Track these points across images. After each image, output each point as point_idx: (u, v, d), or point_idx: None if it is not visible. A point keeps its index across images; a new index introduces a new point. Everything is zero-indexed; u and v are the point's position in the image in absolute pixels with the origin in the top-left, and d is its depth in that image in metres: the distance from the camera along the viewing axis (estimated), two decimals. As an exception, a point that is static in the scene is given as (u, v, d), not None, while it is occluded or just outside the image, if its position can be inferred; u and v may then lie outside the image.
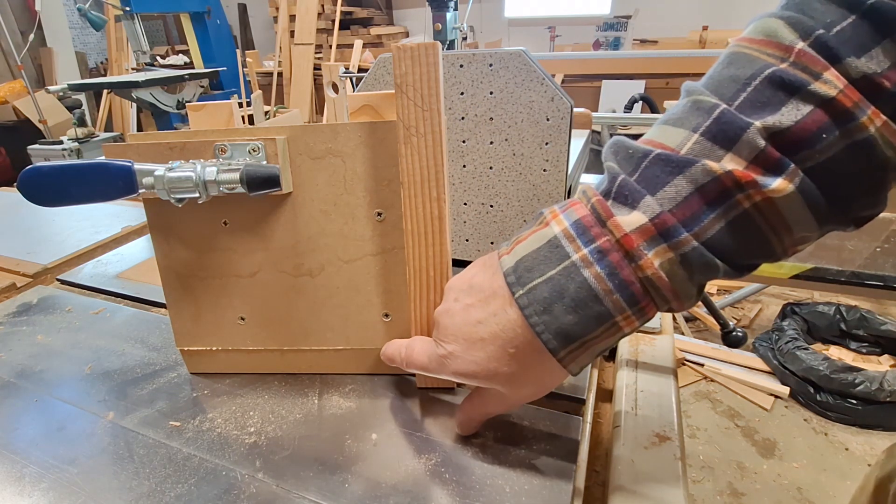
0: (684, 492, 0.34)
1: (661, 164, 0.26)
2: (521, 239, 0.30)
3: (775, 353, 1.69)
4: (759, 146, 0.24)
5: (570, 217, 0.29)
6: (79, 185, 0.36)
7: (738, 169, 0.25)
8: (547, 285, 0.28)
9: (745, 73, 0.26)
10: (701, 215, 0.26)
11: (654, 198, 0.26)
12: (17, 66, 2.81)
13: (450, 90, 0.55)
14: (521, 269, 0.29)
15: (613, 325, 0.28)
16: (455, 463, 0.35)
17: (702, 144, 0.26)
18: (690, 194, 0.26)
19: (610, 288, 0.27)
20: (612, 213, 0.27)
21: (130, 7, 2.21)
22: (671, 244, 0.26)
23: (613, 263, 0.27)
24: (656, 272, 0.26)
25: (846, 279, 0.49)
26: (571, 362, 0.29)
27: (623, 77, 3.18)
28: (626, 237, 0.26)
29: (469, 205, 0.60)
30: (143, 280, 0.63)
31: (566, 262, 0.28)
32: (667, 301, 0.27)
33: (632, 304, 0.27)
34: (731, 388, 1.69)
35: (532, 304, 0.28)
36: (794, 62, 0.24)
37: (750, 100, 0.25)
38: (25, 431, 0.40)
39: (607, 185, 0.28)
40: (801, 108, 0.24)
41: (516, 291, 0.29)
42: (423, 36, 4.35)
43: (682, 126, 0.27)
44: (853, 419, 1.51)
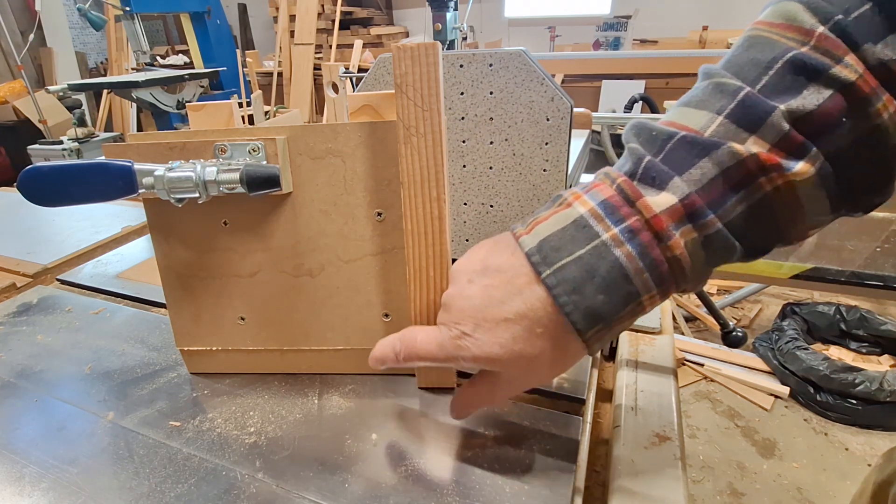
0: (684, 492, 0.34)
1: (687, 146, 0.27)
2: (541, 219, 0.30)
3: (775, 353, 1.69)
4: (784, 129, 0.25)
5: (595, 197, 0.28)
6: (79, 185, 0.36)
7: (762, 152, 0.25)
8: (576, 265, 0.27)
9: (766, 56, 0.26)
10: (725, 198, 0.26)
11: (682, 179, 0.26)
12: (17, 66, 2.81)
13: (450, 90, 0.55)
14: (546, 248, 0.28)
15: (639, 304, 0.28)
16: (455, 463, 0.35)
17: (726, 127, 0.26)
18: (716, 177, 0.26)
19: (641, 267, 0.27)
20: (640, 194, 0.27)
21: (130, 7, 2.21)
22: (697, 226, 0.26)
23: (644, 243, 0.27)
24: (683, 252, 0.26)
25: (846, 279, 0.49)
26: (596, 342, 0.29)
27: (623, 77, 3.18)
28: (655, 217, 0.26)
29: (469, 205, 0.60)
30: (143, 280, 0.63)
31: (596, 242, 0.27)
32: (686, 281, 0.27)
33: (659, 284, 0.27)
34: (731, 388, 1.69)
35: (561, 284, 0.28)
36: (815, 46, 0.25)
37: (772, 83, 0.25)
38: (25, 431, 0.40)
39: (631, 167, 0.28)
40: (822, 93, 0.24)
41: (543, 271, 0.28)
42: (423, 36, 4.35)
43: (706, 108, 0.27)
44: (853, 419, 1.51)
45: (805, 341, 1.66)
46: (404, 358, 0.34)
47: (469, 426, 0.39)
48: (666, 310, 0.55)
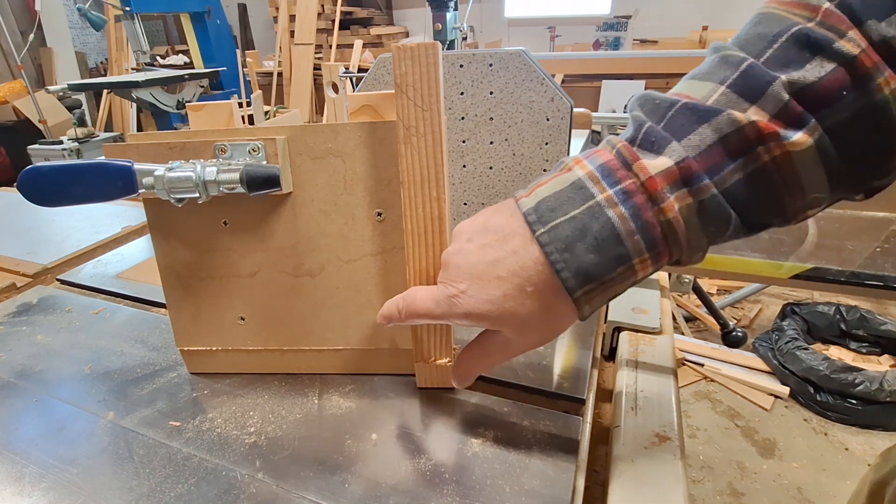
0: (684, 492, 0.34)
1: (688, 112, 0.27)
2: (541, 183, 0.30)
3: (775, 353, 1.69)
4: (783, 100, 0.25)
5: (594, 161, 0.29)
6: (79, 185, 0.36)
7: (761, 120, 0.25)
8: (570, 224, 0.28)
9: (773, 30, 0.26)
10: (722, 165, 0.26)
11: (680, 144, 0.27)
12: (17, 66, 2.81)
13: (450, 90, 0.55)
14: (542, 208, 0.29)
15: (630, 267, 0.28)
16: (455, 463, 0.35)
17: (728, 96, 0.26)
18: (714, 143, 0.26)
19: (633, 228, 0.27)
20: (637, 157, 0.27)
21: (130, 7, 2.21)
22: (692, 190, 0.26)
23: (637, 205, 0.27)
24: (676, 216, 0.27)
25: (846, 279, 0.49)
26: (586, 304, 0.29)
27: (623, 77, 3.18)
28: (650, 179, 0.27)
29: (469, 205, 0.60)
30: (143, 280, 0.63)
31: (590, 202, 0.28)
32: (680, 249, 0.28)
33: (650, 248, 0.27)
34: (731, 388, 1.69)
35: (553, 242, 0.28)
36: (820, 21, 0.25)
37: (776, 56, 0.26)
38: (25, 431, 0.40)
39: (633, 133, 0.29)
40: (824, 66, 0.25)
41: (537, 229, 0.29)
42: (423, 36, 4.34)
43: (709, 79, 0.27)
44: (853, 419, 1.51)
45: (805, 341, 1.66)
46: (405, 315, 0.35)
47: (469, 426, 0.39)
48: (666, 310, 0.55)
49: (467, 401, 0.41)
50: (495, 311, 0.30)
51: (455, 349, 0.41)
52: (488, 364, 0.36)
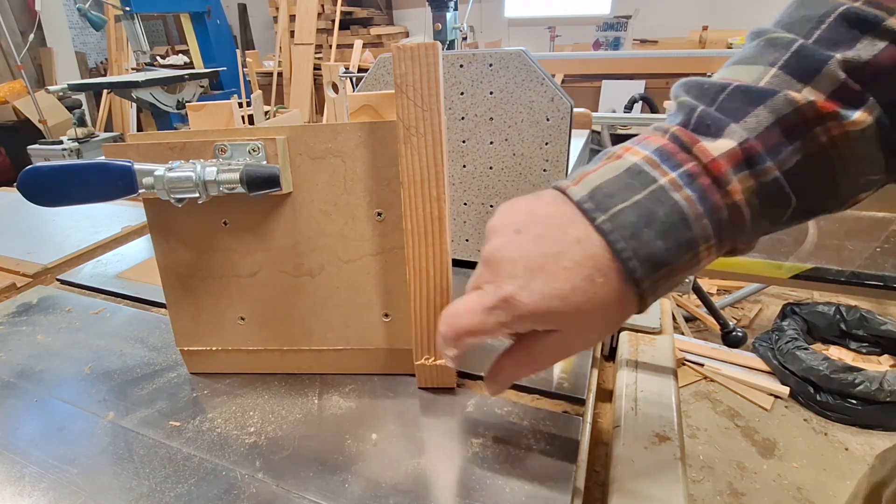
0: (684, 492, 0.34)
1: (741, 95, 0.26)
2: (589, 171, 0.28)
3: (775, 353, 1.69)
4: (840, 78, 0.25)
5: (648, 146, 0.28)
6: (79, 185, 0.36)
7: (819, 100, 0.25)
8: (634, 210, 0.26)
9: (818, 11, 0.26)
10: (780, 146, 0.26)
11: (738, 125, 0.26)
12: (17, 66, 2.81)
13: (450, 90, 0.55)
14: (599, 195, 0.27)
15: (696, 254, 0.27)
16: (455, 463, 0.35)
17: (780, 77, 0.26)
18: (772, 124, 0.25)
19: (701, 212, 0.26)
20: (697, 139, 0.26)
21: (130, 7, 2.21)
22: (753, 172, 0.26)
23: (704, 187, 0.26)
24: (741, 198, 0.26)
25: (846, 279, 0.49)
26: (650, 295, 0.27)
27: (623, 77, 3.18)
28: (714, 162, 0.26)
29: (469, 205, 0.60)
30: (143, 280, 0.63)
31: (653, 186, 0.26)
32: (744, 232, 0.27)
33: (717, 232, 0.26)
34: (731, 388, 1.69)
35: (618, 230, 0.26)
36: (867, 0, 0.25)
37: (825, 36, 0.25)
38: (25, 431, 0.40)
39: (684, 118, 0.28)
40: (876, 44, 0.24)
41: (597, 217, 0.27)
42: (423, 36, 4.34)
43: (757, 63, 0.27)
44: (853, 419, 1.51)
45: (805, 341, 1.66)
46: (453, 340, 0.31)
47: (469, 426, 0.39)
48: (666, 310, 0.55)
49: (467, 401, 0.41)
50: (564, 306, 0.27)
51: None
52: (535, 370, 0.32)
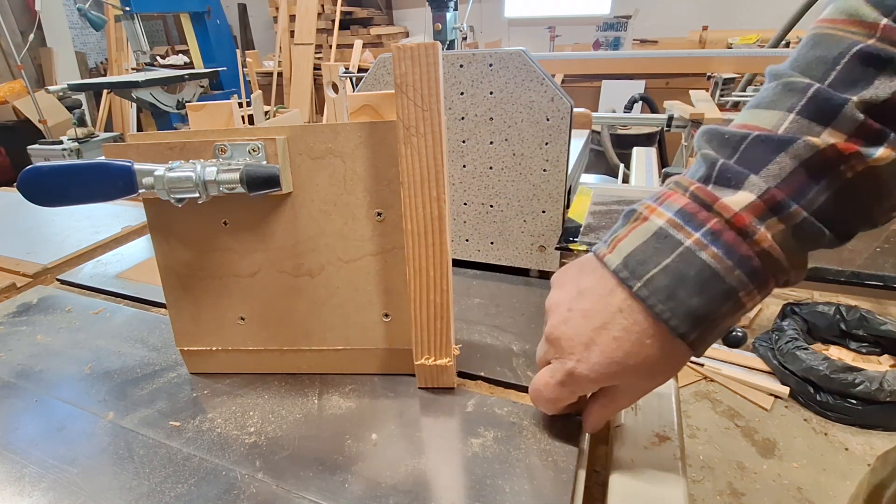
0: (684, 492, 0.34)
1: (762, 144, 0.27)
2: (620, 237, 0.31)
3: (775, 353, 1.69)
4: (859, 119, 0.25)
5: (670, 208, 0.29)
6: (79, 185, 0.36)
7: (839, 142, 0.26)
8: (665, 274, 0.28)
9: (833, 52, 0.26)
10: (807, 188, 0.26)
11: (759, 176, 0.27)
12: (17, 66, 2.81)
13: (450, 90, 0.55)
14: (632, 263, 0.30)
15: (737, 301, 0.28)
16: (455, 463, 0.35)
17: (799, 123, 0.27)
18: (795, 169, 0.26)
19: (730, 265, 0.27)
20: (716, 197, 0.28)
21: (130, 7, 2.21)
22: (782, 217, 0.27)
23: (729, 242, 0.27)
24: (772, 244, 0.27)
25: (846, 279, 0.49)
26: (700, 344, 0.29)
27: (623, 77, 3.18)
28: (736, 216, 0.27)
29: (469, 205, 0.60)
30: (143, 280, 0.63)
31: (680, 249, 0.28)
32: (784, 272, 0.28)
33: (753, 279, 0.28)
34: (731, 388, 1.69)
35: (654, 294, 0.29)
36: (881, 37, 0.25)
37: (841, 77, 0.26)
38: (25, 431, 0.40)
39: (706, 171, 0.29)
40: (894, 81, 0.25)
41: (633, 285, 0.29)
42: (423, 36, 4.34)
43: (776, 108, 0.28)
44: (853, 419, 1.51)
45: (805, 341, 1.66)
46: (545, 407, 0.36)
47: (469, 426, 0.39)
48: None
49: (467, 401, 0.41)
50: (621, 370, 0.31)
51: (456, 349, 0.42)
52: (618, 409, 0.36)
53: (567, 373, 0.32)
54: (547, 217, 0.58)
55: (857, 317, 1.72)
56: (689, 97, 1.72)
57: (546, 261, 0.60)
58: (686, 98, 1.70)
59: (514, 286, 0.59)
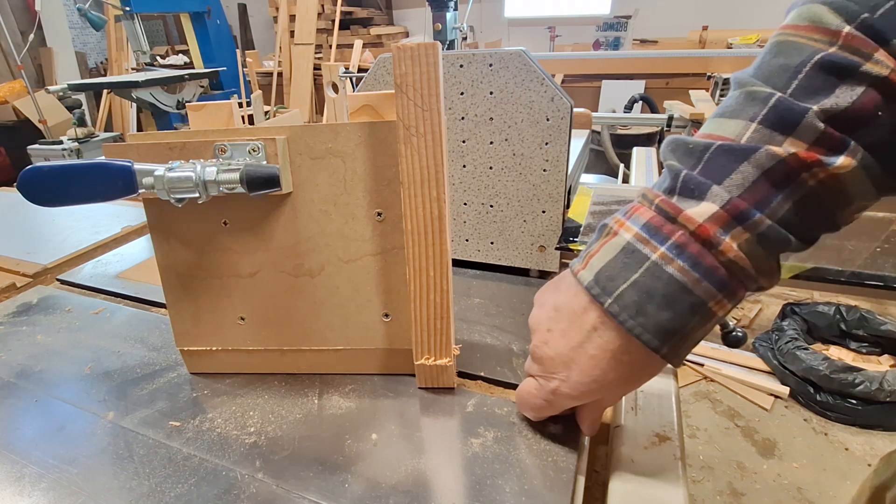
0: (684, 492, 0.34)
1: (725, 154, 0.28)
2: (593, 253, 0.31)
3: (775, 353, 1.69)
4: (819, 129, 0.25)
5: (637, 222, 0.30)
6: (79, 185, 0.36)
7: (801, 151, 0.26)
8: (633, 289, 0.29)
9: (795, 60, 0.27)
10: (770, 197, 0.27)
11: (722, 186, 0.27)
12: (17, 66, 2.80)
13: (450, 90, 0.55)
14: (602, 279, 0.30)
15: (708, 311, 0.28)
16: (455, 463, 0.35)
17: (761, 133, 0.27)
18: (758, 178, 0.27)
19: (697, 277, 0.28)
20: (680, 209, 0.28)
21: (130, 7, 2.21)
22: (746, 226, 0.27)
23: (694, 254, 0.28)
24: (737, 253, 0.27)
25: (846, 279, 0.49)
26: (675, 355, 0.30)
27: (623, 77, 3.18)
28: (700, 227, 0.27)
29: (469, 205, 0.60)
30: (143, 280, 0.63)
31: (647, 264, 0.29)
32: (753, 279, 0.28)
33: (721, 288, 0.28)
34: (731, 388, 1.69)
35: (624, 310, 0.29)
36: (843, 45, 0.25)
37: (803, 86, 0.26)
38: (25, 431, 0.40)
39: (670, 183, 0.29)
40: (855, 90, 0.25)
41: (604, 301, 0.30)
42: (423, 36, 4.34)
43: (739, 117, 0.28)
44: (853, 419, 1.51)
45: (805, 341, 1.66)
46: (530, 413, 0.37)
47: (469, 426, 0.39)
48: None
49: (467, 401, 0.41)
50: (600, 386, 0.32)
51: (456, 349, 0.41)
52: (607, 407, 0.37)
53: (551, 391, 0.34)
54: (547, 217, 0.58)
55: (857, 317, 1.72)
56: (689, 97, 1.72)
57: (546, 261, 0.60)
58: (686, 98, 1.70)
59: (514, 286, 0.59)
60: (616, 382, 0.32)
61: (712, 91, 1.90)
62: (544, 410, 0.36)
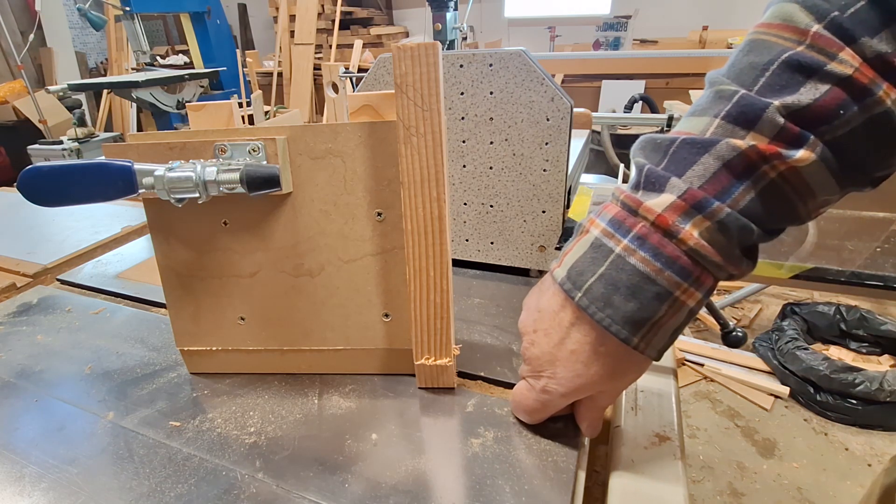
0: (684, 492, 0.34)
1: (687, 147, 0.28)
2: (568, 251, 0.32)
3: (775, 353, 1.69)
4: (779, 123, 0.26)
5: (604, 218, 0.31)
6: (79, 185, 0.36)
7: (761, 144, 0.26)
8: (600, 282, 0.30)
9: (763, 58, 0.27)
10: (731, 187, 0.27)
11: (682, 178, 0.28)
12: (17, 66, 2.80)
13: (450, 90, 0.55)
14: (573, 274, 0.31)
15: (675, 300, 0.29)
16: (455, 463, 0.35)
17: (723, 127, 0.28)
18: (718, 169, 0.27)
19: (658, 267, 0.28)
20: (640, 202, 0.29)
21: (130, 7, 2.21)
22: (705, 214, 0.28)
23: (655, 244, 0.28)
24: (698, 241, 0.28)
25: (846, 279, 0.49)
26: (650, 347, 0.30)
27: (623, 77, 3.18)
28: (659, 217, 0.28)
29: (469, 205, 0.60)
30: (143, 280, 0.63)
31: (612, 256, 0.29)
32: (720, 266, 0.29)
33: (685, 277, 0.28)
34: (731, 388, 1.69)
35: (593, 303, 0.30)
36: (809, 45, 0.26)
37: (769, 84, 0.27)
38: (25, 431, 0.40)
39: (636, 179, 0.30)
40: (819, 88, 0.26)
41: (575, 296, 0.31)
42: (423, 36, 4.34)
43: (705, 114, 0.29)
44: (853, 419, 1.51)
45: (805, 341, 1.66)
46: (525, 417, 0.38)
47: (469, 426, 0.39)
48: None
49: (467, 401, 0.41)
50: (586, 380, 0.32)
51: (456, 349, 0.41)
52: (605, 407, 0.37)
53: (541, 390, 0.34)
54: (547, 217, 0.58)
55: (857, 317, 1.72)
56: (689, 97, 1.72)
57: (546, 261, 0.60)
58: (686, 98, 1.70)
59: (514, 286, 0.59)
60: (602, 376, 0.32)
61: (712, 91, 1.89)
62: (538, 412, 0.36)
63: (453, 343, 0.41)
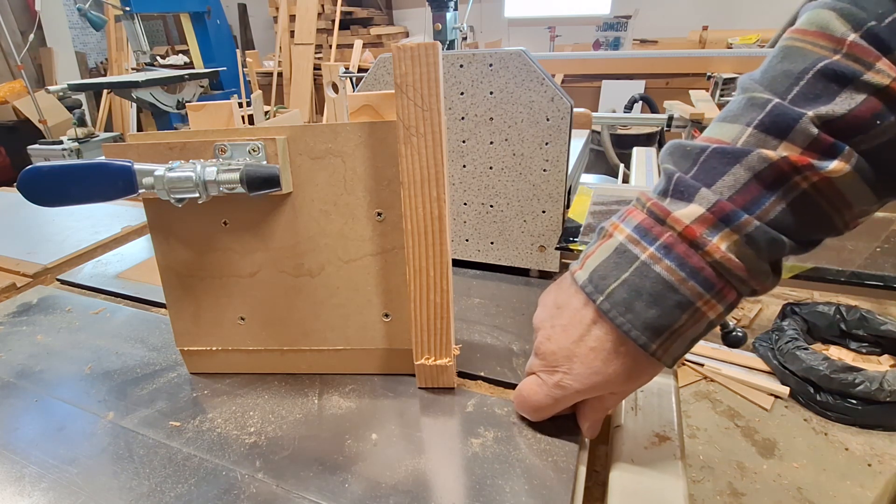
0: (684, 492, 0.34)
1: (718, 156, 0.28)
2: (590, 254, 0.33)
3: (775, 353, 1.68)
4: (812, 133, 0.26)
5: (630, 224, 0.31)
6: (79, 185, 0.36)
7: (793, 154, 0.26)
8: (623, 287, 0.30)
9: (798, 67, 0.27)
10: (761, 198, 0.27)
11: (711, 189, 0.28)
12: (17, 66, 2.80)
13: (450, 90, 0.55)
14: (595, 278, 0.31)
15: (696, 311, 0.29)
16: (455, 463, 0.35)
17: (756, 136, 0.27)
18: (749, 181, 0.27)
19: (682, 277, 0.28)
20: (669, 211, 0.29)
21: (130, 7, 2.21)
22: (733, 227, 0.27)
23: (681, 254, 0.28)
24: (724, 255, 0.28)
25: (846, 279, 0.49)
26: (666, 354, 0.31)
27: (623, 77, 3.18)
28: (687, 229, 0.28)
29: (469, 205, 0.60)
30: (143, 280, 0.63)
31: (637, 263, 0.30)
32: (743, 281, 0.29)
33: (708, 289, 0.28)
34: (731, 388, 1.69)
35: (615, 307, 0.30)
36: (846, 54, 0.26)
37: (803, 93, 0.27)
38: (25, 431, 0.40)
39: (664, 186, 0.30)
40: (854, 97, 0.25)
41: (597, 299, 0.31)
42: (423, 36, 4.34)
43: (737, 122, 0.28)
44: (853, 419, 1.51)
45: (805, 341, 1.66)
46: (530, 414, 0.38)
47: (469, 426, 0.39)
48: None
49: (467, 401, 0.41)
50: (602, 378, 0.32)
51: (456, 349, 0.42)
52: (609, 409, 0.37)
53: (555, 385, 0.34)
54: (547, 217, 0.58)
55: (857, 317, 1.72)
56: (689, 97, 1.72)
57: (546, 261, 0.60)
58: (686, 98, 1.70)
59: (514, 286, 0.59)
60: (619, 376, 0.32)
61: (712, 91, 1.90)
62: (546, 409, 0.36)
63: (453, 343, 0.41)
